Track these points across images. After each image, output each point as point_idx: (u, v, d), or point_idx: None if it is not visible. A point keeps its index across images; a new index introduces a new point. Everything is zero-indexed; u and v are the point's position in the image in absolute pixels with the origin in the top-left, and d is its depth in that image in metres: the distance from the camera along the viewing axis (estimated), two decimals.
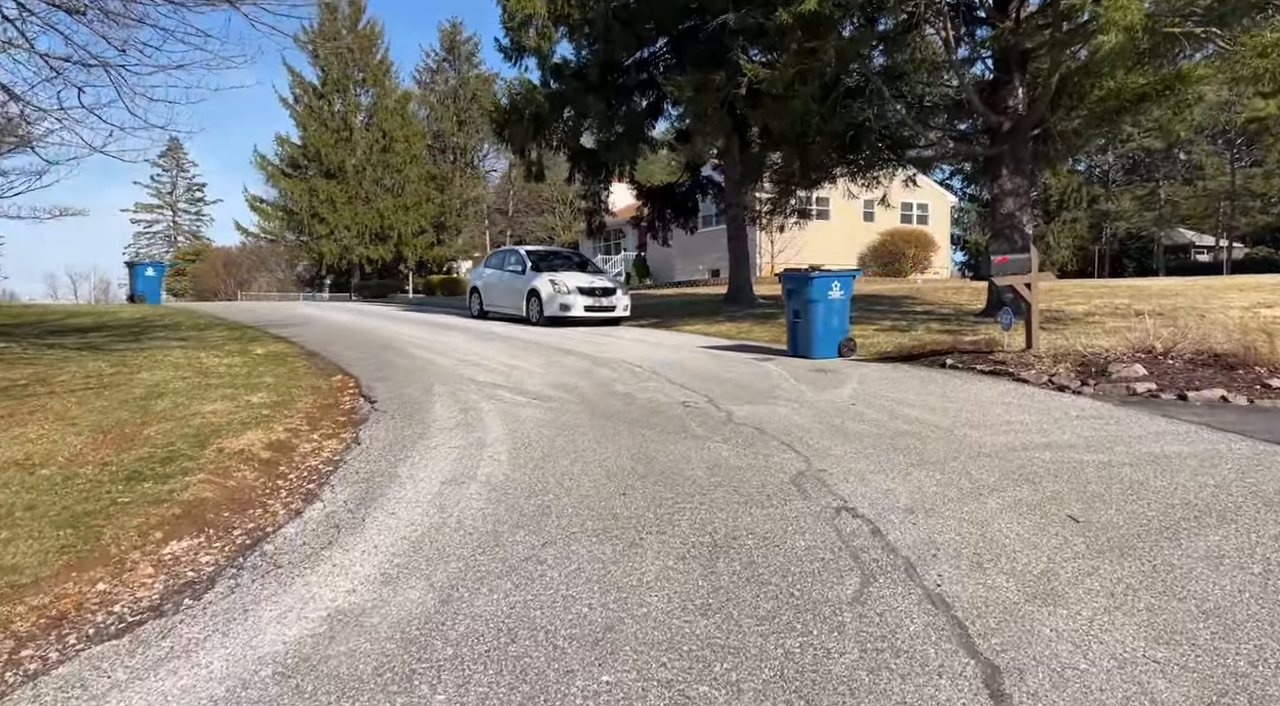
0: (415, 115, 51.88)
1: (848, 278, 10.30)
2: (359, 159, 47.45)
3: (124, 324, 13.09)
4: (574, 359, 10.02)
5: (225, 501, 4.62)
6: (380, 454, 5.53)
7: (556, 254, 16.99)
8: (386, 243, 47.48)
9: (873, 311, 15.70)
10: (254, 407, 6.66)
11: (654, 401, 7.27)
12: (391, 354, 10.31)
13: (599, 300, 14.92)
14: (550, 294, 14.68)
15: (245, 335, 11.90)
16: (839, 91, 13.29)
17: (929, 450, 5.52)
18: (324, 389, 7.79)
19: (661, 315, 16.82)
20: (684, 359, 10.13)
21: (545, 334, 13.27)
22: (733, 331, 13.58)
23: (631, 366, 9.37)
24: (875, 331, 12.38)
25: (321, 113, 47.46)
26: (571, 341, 12.05)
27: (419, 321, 15.84)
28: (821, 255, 31.83)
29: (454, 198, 52.00)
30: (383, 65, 49.88)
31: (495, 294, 16.39)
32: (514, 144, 17.55)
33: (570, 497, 4.56)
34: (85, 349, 9.64)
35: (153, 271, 21.62)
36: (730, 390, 7.84)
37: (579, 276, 15.25)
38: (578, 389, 7.88)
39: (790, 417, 6.59)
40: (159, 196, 70.77)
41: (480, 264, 17.80)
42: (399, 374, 8.70)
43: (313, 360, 9.65)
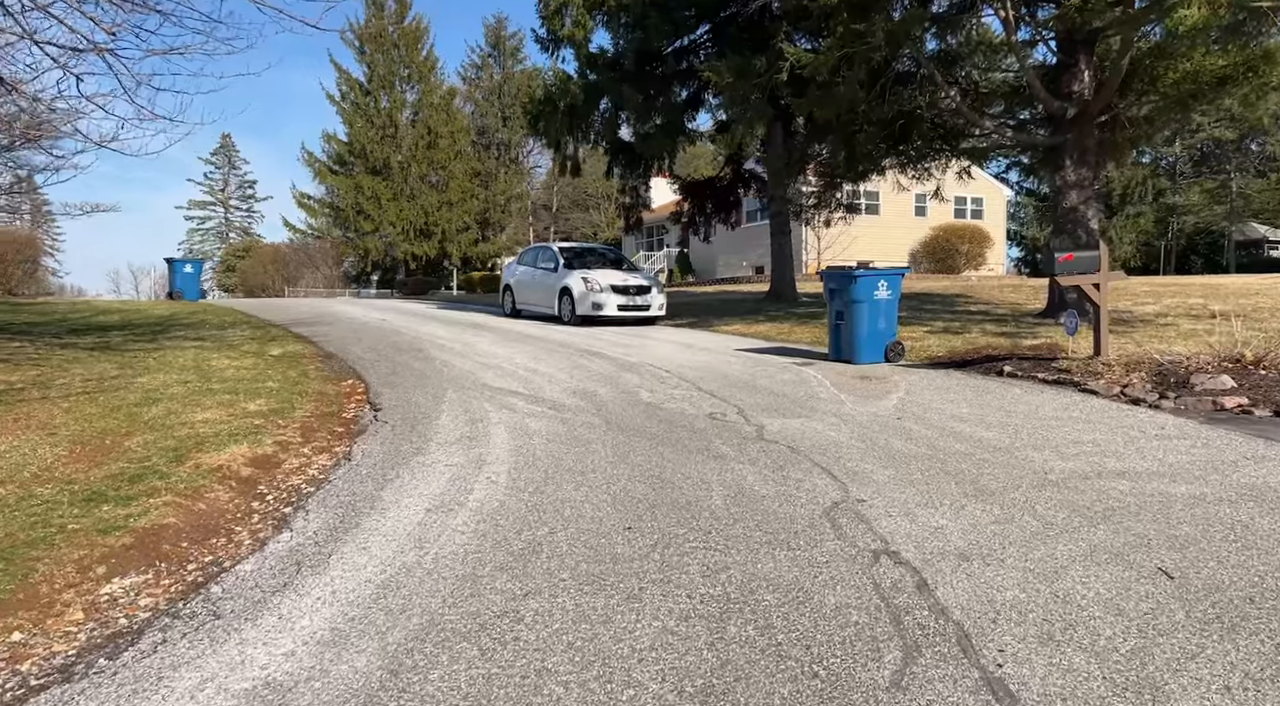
0: (460, 111, 51.85)
1: (896, 276, 9.55)
2: (404, 155, 47.55)
3: (149, 322, 12.92)
4: (600, 362, 9.45)
5: (188, 528, 4.15)
6: (369, 472, 5.03)
7: (590, 251, 16.45)
8: (431, 239, 47.51)
9: (923, 311, 14.86)
10: (249, 416, 6.22)
11: (679, 412, 6.66)
12: (410, 356, 9.87)
13: (633, 299, 14.34)
14: (582, 292, 14.14)
15: (266, 335, 11.59)
16: (888, 77, 12.48)
17: (986, 477, 4.82)
18: (330, 395, 7.35)
19: (699, 314, 16.18)
20: (717, 363, 9.50)
21: (575, 334, 12.74)
22: (772, 332, 12.89)
23: (660, 371, 8.77)
24: (925, 333, 11.59)
25: (367, 109, 47.66)
26: (601, 343, 11.49)
27: (449, 320, 15.45)
28: (870, 251, 30.83)
29: (498, 194, 51.87)
30: (428, 62, 49.92)
31: (527, 292, 15.91)
32: (548, 137, 17.05)
33: (567, 531, 3.98)
34: (99, 349, 9.38)
35: (191, 268, 21.65)
36: (763, 400, 7.19)
37: (613, 274, 14.69)
38: (598, 397, 7.31)
39: (827, 434, 5.92)
40: (212, 193, 72.21)
41: (513, 261, 17.35)
42: (412, 378, 8.23)
43: (328, 363, 9.25)
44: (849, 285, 9.29)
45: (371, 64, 48.00)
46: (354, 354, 9.96)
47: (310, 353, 9.93)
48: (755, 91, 13.24)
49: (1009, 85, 14.08)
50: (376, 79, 47.97)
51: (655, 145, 17.46)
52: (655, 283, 15.05)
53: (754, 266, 32.68)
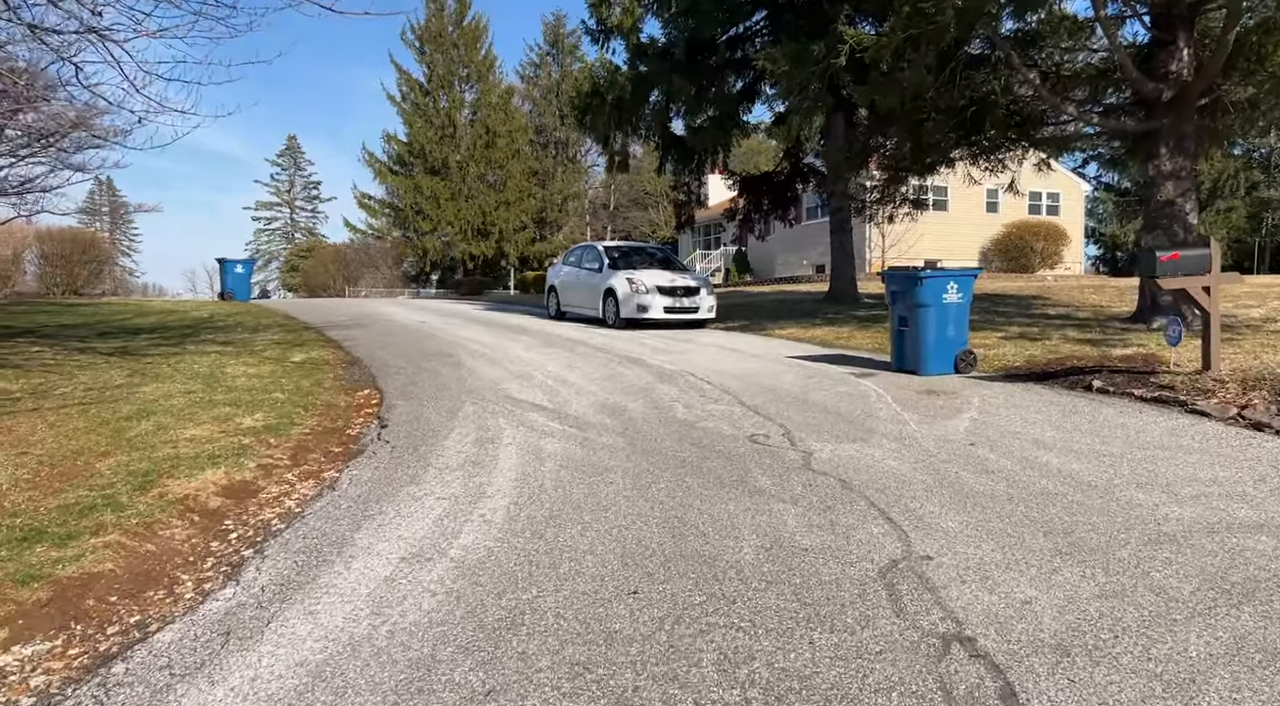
0: (518, 110, 51.78)
1: (967, 278, 8.58)
2: (462, 155, 47.62)
3: (183, 325, 12.66)
4: (637, 371, 8.72)
5: (125, 577, 3.56)
6: (351, 507, 4.39)
7: (637, 250, 15.72)
8: (488, 239, 47.47)
9: (996, 314, 13.72)
10: (240, 434, 5.67)
11: (716, 433, 5.88)
12: (438, 362, 9.29)
13: (680, 301, 13.57)
14: (627, 293, 13.43)
15: (296, 339, 11.18)
16: (958, 61, 11.44)
17: (1082, 526, 3.93)
18: (338, 408, 6.78)
19: (752, 316, 15.31)
20: (766, 373, 8.67)
21: (617, 339, 12.03)
22: (830, 337, 11.97)
23: (701, 382, 7.99)
24: (1000, 339, 10.54)
25: (427, 109, 47.86)
26: (643, 348, 10.75)
27: (490, 323, 14.91)
28: (937, 250, 29.43)
29: (555, 193, 51.64)
30: (486, 61, 49.90)
31: (572, 293, 15.28)
32: (595, 132, 16.37)
33: (559, 595, 3.26)
34: (117, 355, 9.05)
35: (242, 268, 21.66)
36: (815, 418, 6.35)
37: (659, 274, 13.94)
38: (627, 413, 6.58)
39: (886, 463, 5.08)
40: (278, 194, 73.85)
41: (559, 261, 16.74)
42: (432, 388, 7.62)
43: (349, 370, 8.73)
44: (914, 288, 8.36)
45: (431, 64, 48.19)
46: (379, 360, 9.43)
47: (334, 358, 9.43)
48: (813, 79, 12.32)
49: (1094, 67, 12.85)
50: (436, 79, 48.14)
51: (707, 138, 16.65)
52: (705, 283, 14.26)
53: (814, 265, 31.55)
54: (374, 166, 47.56)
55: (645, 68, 15.70)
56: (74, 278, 26.51)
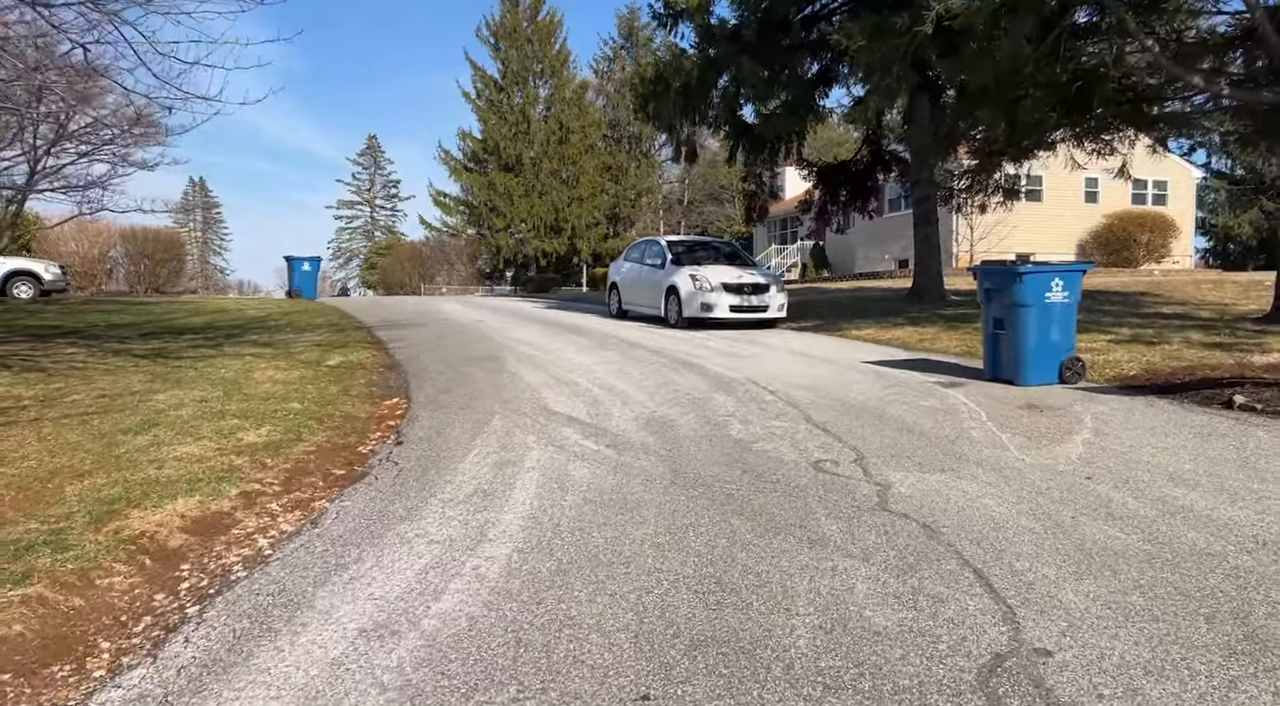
0: (591, 105, 51.33)
1: (1074, 274, 7.43)
2: (536, 151, 47.45)
3: (233, 324, 12.38)
4: (694, 378, 7.86)
5: (35, 643, 2.93)
6: (326, 550, 3.69)
7: (703, 245, 14.82)
8: (561, 235, 47.19)
9: (1102, 313, 12.32)
10: (238, 451, 5.08)
11: (774, 458, 5.00)
12: (481, 367, 8.63)
13: (747, 299, 12.62)
14: (690, 291, 12.56)
15: (341, 341, 10.71)
16: (1062, 29, 10.16)
17: (1260, 609, 2.93)
18: (358, 420, 6.15)
19: (827, 315, 14.24)
20: (839, 381, 7.70)
21: (677, 340, 11.18)
22: (913, 339, 10.86)
23: (763, 392, 7.09)
24: (1109, 343, 9.28)
25: (501, 106, 47.85)
26: (704, 351, 9.89)
27: (548, 322, 14.26)
28: (1031, 243, 27.58)
29: (628, 188, 50.97)
30: (560, 55, 49.59)
31: (632, 291, 14.50)
32: (660, 120, 15.52)
33: (544, 698, 2.46)
34: (150, 357, 8.69)
35: (309, 266, 21.64)
36: (894, 439, 5.40)
37: (725, 270, 13.01)
38: (675, 430, 5.74)
39: (982, 503, 4.11)
40: (358, 193, 75.48)
41: (620, 257, 15.99)
42: (464, 397, 6.94)
43: (384, 376, 8.14)
44: (1012, 285, 7.26)
45: (505, 60, 48.16)
46: (419, 364, 8.83)
47: (372, 362, 8.88)
48: (895, 55, 11.19)
49: (1220, 37, 11.35)
50: (510, 75, 48.08)
51: (779, 125, 15.61)
52: (775, 280, 13.27)
53: (896, 260, 30.01)
54: (449, 164, 47.84)
55: (714, 51, 14.75)
56: (156, 276, 27.14)
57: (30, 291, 22.09)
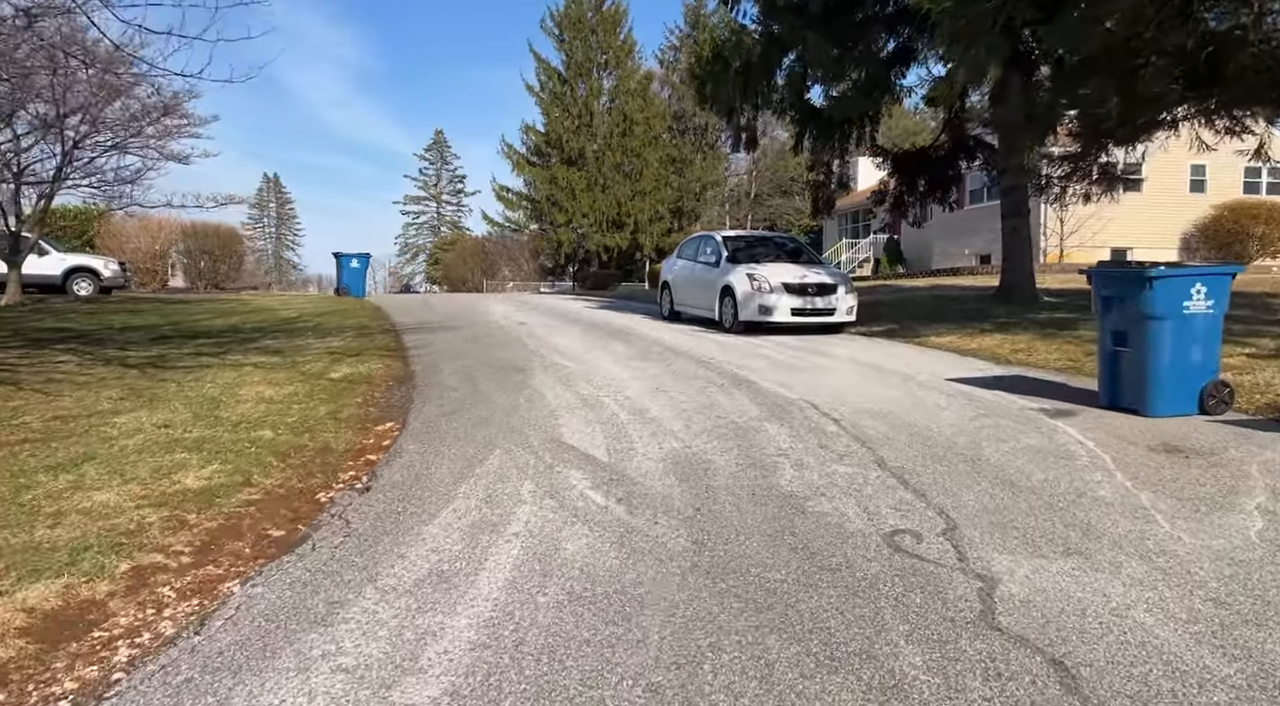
0: (656, 96, 50.16)
1: (1220, 278, 5.98)
2: (599, 144, 46.54)
3: (255, 327, 11.61)
4: (742, 398, 6.66)
5: None
6: (189, 680, 2.64)
7: (762, 240, 13.53)
8: (623, 230, 46.18)
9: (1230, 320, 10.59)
10: (162, 502, 4.12)
11: (835, 526, 3.79)
12: (502, 381, 7.59)
13: (811, 301, 11.31)
14: (747, 292, 11.31)
15: (360, 347, 9.81)
16: None
17: None
18: (333, 453, 5.15)
19: (903, 318, 12.80)
20: (918, 406, 6.40)
21: (730, 348, 9.97)
22: (1003, 349, 9.42)
23: (825, 420, 5.85)
24: (1249, 359, 7.72)
25: (564, 98, 47.08)
26: (759, 363, 8.66)
27: (593, 325, 13.19)
28: (1128, 238, 25.36)
29: (693, 181, 49.63)
30: (625, 46, 48.50)
31: (686, 291, 13.31)
32: (718, 103, 14.26)
33: None
34: (142, 367, 7.91)
35: (357, 263, 21.05)
36: (993, 497, 4.12)
37: (786, 269, 11.72)
38: (710, 476, 4.57)
39: (1134, 617, 2.84)
40: (425, 189, 75.92)
41: (672, 254, 14.82)
42: (468, 424, 5.90)
43: (390, 391, 7.17)
44: (1140, 292, 5.84)
45: (569, 51, 47.35)
46: (435, 377, 7.85)
47: (383, 374, 7.93)
48: (985, 23, 9.72)
49: None
50: (574, 66, 47.26)
51: (850, 107, 14.20)
52: (843, 279, 11.91)
53: (977, 255, 28.05)
54: (512, 158, 47.28)
55: (777, 27, 13.43)
56: (216, 272, 27.11)
57: (90, 288, 22.12)
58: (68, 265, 21.95)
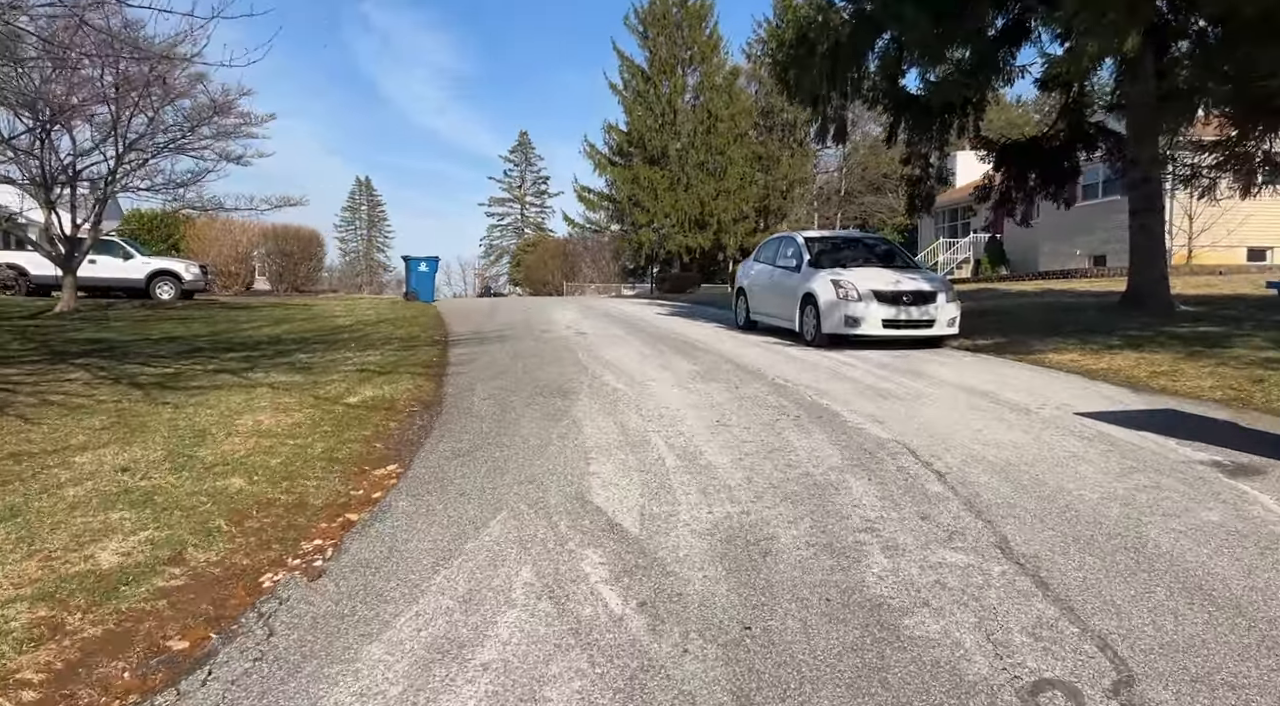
0: (742, 91, 48.70)
1: None
2: (683, 142, 45.44)
3: (299, 338, 10.90)
4: (820, 438, 5.44)
5: None
6: None
7: (850, 241, 12.16)
8: (705, 230, 44.91)
9: None
10: (49, 593, 3.23)
11: (946, 667, 2.58)
12: (536, 410, 6.58)
13: (906, 311, 9.91)
14: (831, 301, 10.00)
15: (395, 362, 8.95)
16: None
17: None
18: (307, 511, 4.21)
19: (1011, 329, 11.24)
20: (1046, 455, 5.06)
21: (810, 367, 8.70)
22: (1140, 372, 7.87)
23: (926, 473, 4.60)
24: None
25: (647, 96, 46.16)
26: (844, 387, 7.38)
27: (659, 335, 12.10)
28: (1269, 235, 22.76)
29: (780, 179, 47.92)
30: (710, 41, 47.22)
31: (762, 297, 12.06)
32: (801, 91, 12.92)
33: None
34: (149, 388, 7.21)
35: (426, 266, 20.49)
36: (1176, 617, 2.84)
37: (877, 274, 10.35)
38: (770, 562, 3.41)
39: None
40: (509, 190, 76.25)
41: (749, 257, 13.57)
42: (484, 470, 4.89)
43: (410, 420, 6.24)
44: None
45: (653, 47, 46.39)
46: (465, 402, 6.89)
47: (409, 397, 7.02)
48: None
49: None
50: (658, 63, 46.27)
51: (952, 92, 12.67)
52: (944, 287, 10.44)
53: (1090, 256, 25.69)
54: (594, 158, 46.62)
55: (869, 4, 12.03)
56: (296, 274, 27.21)
57: (171, 291, 22.35)
58: (151, 268, 22.23)
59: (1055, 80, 13.94)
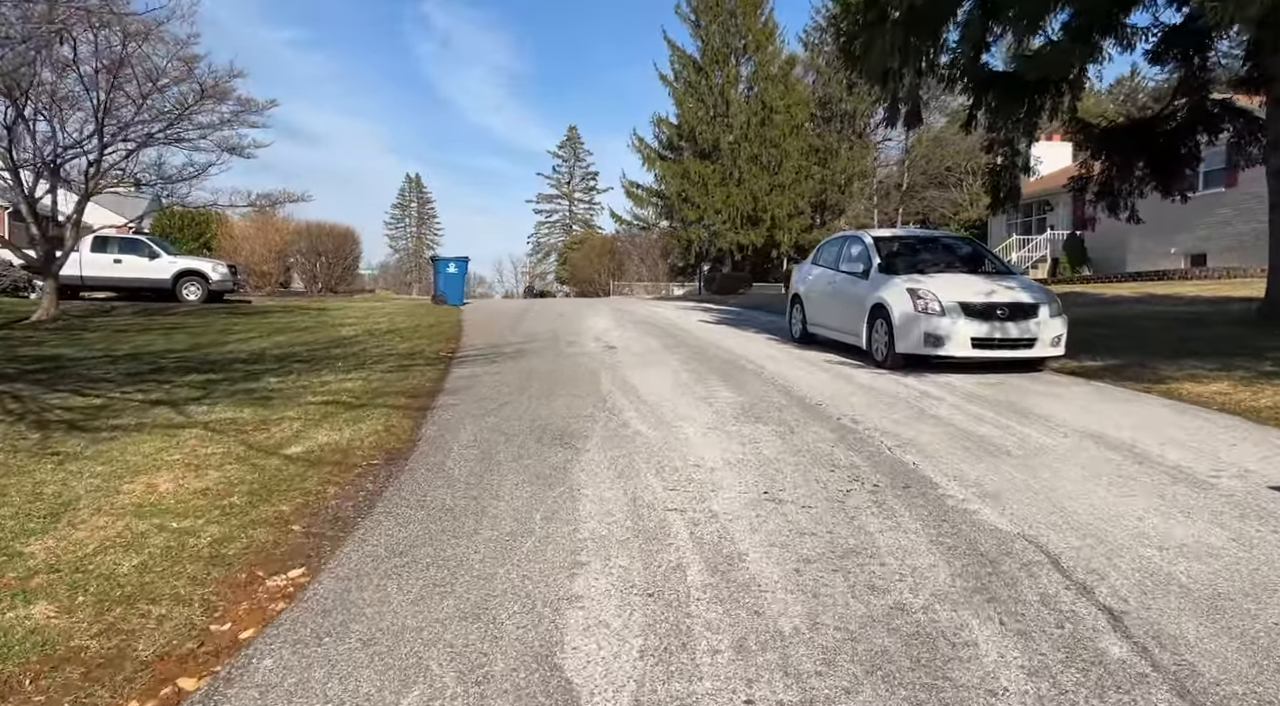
0: (799, 81, 46.58)
1: None
2: (735, 135, 43.54)
3: (282, 355, 9.38)
4: (911, 526, 3.76)
5: None
6: None
7: (926, 242, 10.33)
8: (758, 227, 42.97)
9: None
10: None
11: None
12: (528, 466, 5.03)
13: (1001, 328, 8.10)
14: (908, 314, 8.24)
15: (374, 391, 7.43)
16: None
17: None
18: (122, 672, 2.73)
19: (1124, 347, 9.33)
20: (1266, 573, 3.31)
21: (884, 400, 6.99)
22: None
23: (1090, 609, 2.91)
24: None
25: (699, 87, 44.40)
26: (931, 432, 5.65)
27: (701, 352, 10.47)
28: None
29: (837, 172, 45.68)
30: (766, 29, 45.18)
31: (821, 306, 10.32)
32: (868, 65, 11.10)
33: None
34: (67, 424, 5.86)
35: (454, 267, 19.08)
36: None
37: (963, 282, 8.56)
38: None
39: None
40: (557, 187, 74.97)
41: (806, 260, 11.83)
42: (418, 588, 3.35)
43: (358, 484, 4.74)
44: None
45: (705, 36, 44.59)
46: (442, 451, 5.37)
47: (373, 444, 5.53)
48: None
49: None
50: (710, 53, 44.45)
51: (1053, 63, 10.73)
52: (1047, 298, 8.56)
53: (1187, 255, 23.22)
54: (643, 152, 45.01)
55: None
56: (331, 274, 26.24)
57: (198, 292, 21.47)
58: (178, 268, 21.36)
59: (1166, 54, 11.87)
